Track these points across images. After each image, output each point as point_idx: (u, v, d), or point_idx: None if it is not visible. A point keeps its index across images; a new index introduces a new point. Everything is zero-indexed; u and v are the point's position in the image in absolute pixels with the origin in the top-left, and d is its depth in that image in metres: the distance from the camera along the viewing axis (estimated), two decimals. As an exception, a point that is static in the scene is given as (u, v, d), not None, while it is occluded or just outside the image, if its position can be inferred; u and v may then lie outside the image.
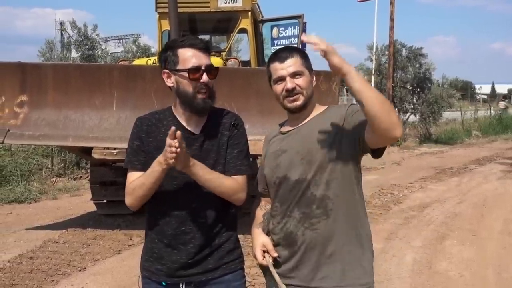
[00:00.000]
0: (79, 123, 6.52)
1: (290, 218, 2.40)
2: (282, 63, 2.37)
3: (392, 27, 21.29)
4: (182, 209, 2.35)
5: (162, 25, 9.05)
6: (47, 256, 6.18)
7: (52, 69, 6.79)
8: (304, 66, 2.38)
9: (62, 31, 40.53)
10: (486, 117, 30.95)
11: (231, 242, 2.48)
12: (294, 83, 2.35)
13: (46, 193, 10.48)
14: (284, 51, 2.41)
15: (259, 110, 6.21)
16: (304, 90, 2.37)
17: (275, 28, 9.85)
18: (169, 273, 2.40)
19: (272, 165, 2.47)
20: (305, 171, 2.35)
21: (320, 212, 2.34)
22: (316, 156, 2.34)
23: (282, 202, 2.45)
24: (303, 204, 2.37)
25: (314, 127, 2.39)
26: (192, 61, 2.29)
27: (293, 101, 2.38)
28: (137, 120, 2.49)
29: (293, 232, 2.39)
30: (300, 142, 2.40)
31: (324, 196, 2.34)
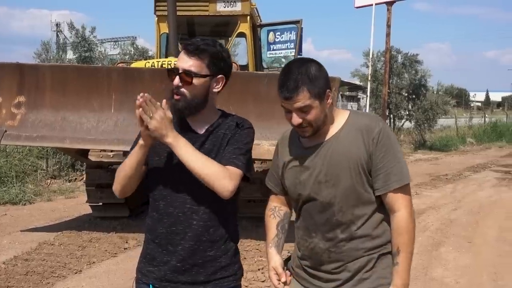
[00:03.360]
0: (76, 124, 6.50)
1: (315, 239, 2.34)
2: (287, 100, 2.19)
3: (389, 34, 21.31)
4: (176, 208, 2.32)
5: (161, 28, 9.06)
6: (43, 258, 6.14)
7: (50, 70, 6.77)
8: (313, 97, 2.18)
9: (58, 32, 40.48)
10: (480, 125, 31.09)
11: (228, 257, 2.41)
12: (300, 118, 2.21)
13: (41, 195, 10.43)
14: (290, 82, 2.18)
15: (258, 114, 6.20)
16: (313, 122, 2.22)
17: (271, 32, 9.88)
18: (159, 276, 2.36)
19: (294, 181, 2.38)
20: (330, 195, 2.27)
21: (345, 236, 2.29)
22: (341, 180, 2.25)
23: (305, 219, 2.39)
24: (328, 227, 2.31)
25: (338, 147, 2.27)
26: (177, 63, 2.30)
27: (302, 132, 2.28)
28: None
29: (319, 253, 2.34)
30: (324, 162, 2.28)
31: (349, 221, 2.28)
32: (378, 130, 2.24)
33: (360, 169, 2.23)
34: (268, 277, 2.49)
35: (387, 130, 2.27)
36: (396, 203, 2.25)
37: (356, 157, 2.23)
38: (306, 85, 2.17)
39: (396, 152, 2.26)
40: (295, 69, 2.21)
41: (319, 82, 2.20)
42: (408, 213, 2.25)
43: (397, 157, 2.26)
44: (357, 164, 2.23)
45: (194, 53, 2.28)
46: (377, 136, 2.23)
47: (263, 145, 6.21)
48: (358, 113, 2.42)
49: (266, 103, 6.37)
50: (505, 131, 28.94)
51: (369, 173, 2.25)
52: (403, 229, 2.24)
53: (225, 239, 2.39)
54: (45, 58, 18.87)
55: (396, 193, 2.24)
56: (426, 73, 23.31)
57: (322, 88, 2.20)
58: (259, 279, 5.64)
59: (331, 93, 2.25)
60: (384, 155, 2.23)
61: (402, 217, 2.24)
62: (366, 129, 2.25)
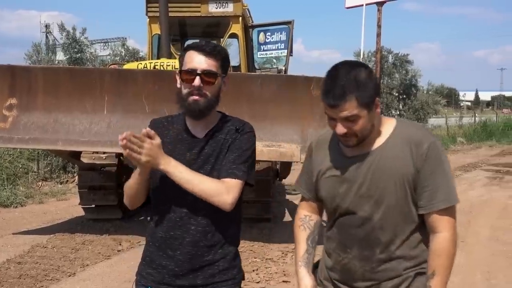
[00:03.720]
0: (69, 126, 6.47)
1: (350, 255, 2.22)
2: (333, 108, 2.02)
3: (379, 34, 21.37)
4: (174, 213, 2.31)
5: (153, 29, 9.03)
6: (36, 261, 6.11)
7: (42, 72, 6.75)
8: (361, 107, 2.01)
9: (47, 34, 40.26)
10: (470, 124, 31.23)
11: (227, 260, 2.38)
12: (345, 128, 2.05)
13: (32, 197, 10.38)
14: (336, 88, 2.00)
15: (251, 115, 6.19)
16: (359, 133, 2.06)
17: (261, 33, 9.88)
18: (157, 279, 2.35)
19: (332, 192, 2.23)
20: (371, 211, 2.14)
21: (384, 257, 2.16)
22: (385, 195, 2.11)
23: (340, 232, 2.26)
24: (365, 245, 2.18)
25: (383, 160, 2.12)
26: (190, 63, 2.26)
27: (345, 141, 2.12)
28: (150, 122, 2.47)
29: (352, 270, 2.22)
30: (367, 175, 2.13)
31: (389, 241, 2.15)
32: (428, 145, 2.09)
33: (406, 185, 2.09)
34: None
35: (437, 145, 2.12)
36: (440, 224, 2.10)
37: (403, 172, 2.09)
38: (354, 92, 1.99)
39: (446, 170, 2.11)
40: (343, 75, 2.03)
41: (368, 89, 2.02)
42: (452, 236, 2.11)
43: (446, 175, 2.11)
44: (403, 180, 2.09)
45: (212, 54, 2.27)
46: (427, 151, 2.08)
47: (256, 146, 6.21)
48: (405, 123, 2.27)
49: (259, 104, 6.38)
50: (495, 130, 29.03)
51: (415, 190, 2.11)
52: (443, 251, 2.10)
53: (223, 243, 2.37)
54: (36, 60, 18.76)
55: (440, 214, 2.10)
56: (416, 73, 23.48)
57: (372, 96, 2.04)
58: (253, 280, 5.64)
59: (379, 102, 2.11)
60: (432, 172, 2.08)
61: (444, 239, 2.10)
62: (415, 143, 2.10)
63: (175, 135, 2.37)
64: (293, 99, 6.42)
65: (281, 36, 9.69)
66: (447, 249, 2.10)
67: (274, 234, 7.56)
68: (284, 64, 9.63)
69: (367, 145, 2.15)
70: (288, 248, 6.79)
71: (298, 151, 6.28)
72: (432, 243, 2.12)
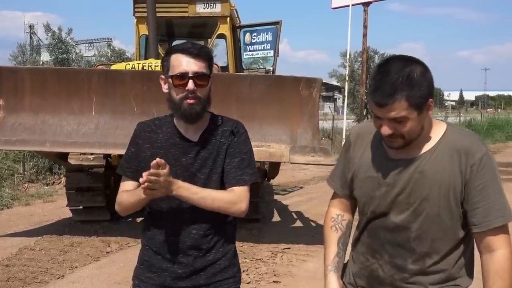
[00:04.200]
0: (56, 128, 6.42)
1: (380, 261, 2.10)
2: (380, 106, 1.88)
3: (366, 34, 21.49)
4: (175, 217, 2.31)
5: (140, 29, 8.99)
6: (24, 263, 6.04)
7: (29, 73, 6.68)
8: (411, 108, 1.85)
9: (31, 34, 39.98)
10: (455, 124, 31.48)
11: (227, 258, 2.40)
12: (392, 129, 1.91)
13: (19, 199, 10.26)
14: (386, 85, 1.84)
15: (240, 115, 6.12)
16: (406, 135, 1.92)
17: (247, 33, 9.88)
18: (159, 283, 2.34)
19: (369, 194, 2.10)
20: (409, 220, 2.00)
21: (416, 269, 2.03)
22: (426, 206, 1.97)
23: (371, 236, 2.14)
24: (398, 253, 2.05)
25: (429, 167, 1.97)
26: (179, 67, 2.22)
27: (390, 142, 1.97)
28: (137, 125, 2.45)
29: (380, 277, 2.11)
30: (410, 181, 1.99)
31: (425, 253, 2.01)
32: (480, 156, 1.93)
33: (452, 198, 1.95)
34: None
35: (490, 157, 1.96)
36: (496, 241, 1.94)
37: (449, 183, 1.94)
38: (405, 92, 1.83)
39: (499, 184, 1.96)
40: (394, 71, 1.86)
41: (421, 89, 1.85)
42: (510, 253, 1.94)
43: (499, 190, 1.95)
44: (449, 191, 1.95)
45: (200, 55, 2.25)
46: (478, 163, 1.92)
47: (246, 146, 6.22)
48: (456, 130, 2.08)
49: (248, 104, 6.39)
50: (479, 129, 29.29)
51: (461, 204, 1.96)
52: (506, 271, 1.91)
53: (223, 242, 2.39)
54: (21, 60, 18.61)
55: (496, 232, 1.94)
56: (402, 73, 23.62)
57: (424, 96, 1.87)
58: (244, 281, 5.63)
59: (432, 103, 1.94)
60: (484, 187, 1.93)
61: (504, 257, 1.92)
62: (465, 152, 1.94)
63: (166, 139, 2.34)
64: (282, 99, 6.43)
65: (267, 36, 9.69)
66: (509, 268, 1.92)
67: (263, 234, 7.56)
68: (272, 64, 9.64)
69: (414, 149, 2.00)
70: (278, 248, 6.80)
71: (287, 151, 6.29)
72: (491, 262, 1.94)
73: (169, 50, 2.33)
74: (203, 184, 2.28)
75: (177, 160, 2.29)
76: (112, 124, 6.40)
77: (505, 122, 32.65)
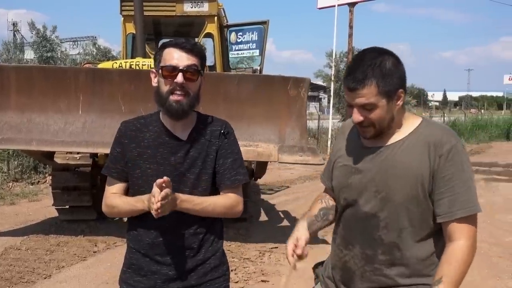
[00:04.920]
0: (43, 126, 6.36)
1: (351, 252, 2.13)
2: (351, 91, 1.96)
3: (351, 34, 21.63)
4: (162, 219, 2.24)
5: (127, 28, 8.94)
6: (10, 263, 5.99)
7: (15, 71, 6.60)
8: (380, 95, 1.93)
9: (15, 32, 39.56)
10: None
11: (217, 257, 2.40)
12: (362, 116, 1.98)
13: (3, 199, 10.16)
14: (358, 71, 1.94)
15: (228, 115, 6.14)
16: (376, 124, 1.98)
17: (233, 33, 9.88)
18: (148, 286, 2.32)
19: (342, 182, 2.16)
20: (377, 208, 2.03)
21: (385, 259, 2.05)
22: (393, 195, 1.99)
23: (345, 227, 2.19)
24: (368, 244, 2.08)
25: (398, 157, 2.01)
26: (171, 60, 2.22)
27: (362, 131, 2.05)
28: (121, 124, 2.40)
29: (352, 269, 2.13)
30: (378, 170, 2.04)
31: (393, 244, 2.03)
32: (449, 147, 1.96)
33: (419, 188, 1.97)
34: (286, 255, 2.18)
35: (459, 149, 1.98)
36: (459, 232, 1.96)
37: (417, 172, 1.97)
38: (376, 79, 1.92)
39: (467, 175, 1.98)
40: (368, 60, 1.95)
41: (392, 79, 1.94)
42: (470, 244, 1.96)
43: (467, 181, 1.97)
44: (416, 182, 1.97)
45: (192, 50, 2.25)
46: (446, 154, 1.95)
47: (234, 146, 6.22)
48: (431, 123, 2.11)
49: (236, 103, 6.38)
50: (463, 130, 29.56)
51: (429, 194, 1.98)
52: (456, 258, 1.93)
53: (212, 240, 2.39)
54: (6, 58, 18.42)
55: (460, 223, 1.95)
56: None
57: (394, 86, 1.95)
58: (232, 280, 5.62)
59: (403, 94, 2.01)
60: (451, 178, 1.95)
61: (460, 246, 1.94)
62: (434, 144, 1.97)
63: (153, 138, 2.31)
64: (270, 99, 6.44)
65: (252, 36, 9.71)
66: (461, 258, 1.93)
67: (251, 234, 7.57)
68: (259, 64, 9.66)
69: (386, 138, 2.06)
70: (265, 248, 6.81)
71: (275, 151, 6.31)
72: (446, 250, 1.97)
73: (163, 45, 2.32)
74: (192, 184, 2.28)
75: (166, 160, 2.27)
76: (100, 123, 6.36)
77: (488, 122, 32.96)
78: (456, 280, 1.92)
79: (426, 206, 2.00)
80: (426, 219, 2.01)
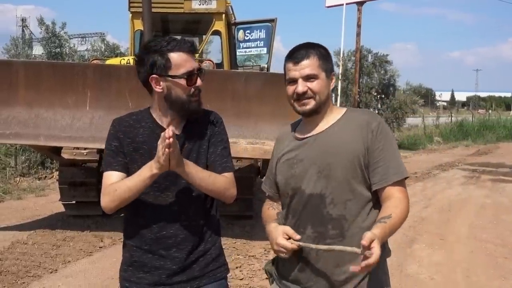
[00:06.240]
0: (51, 122, 6.40)
1: (304, 235, 2.23)
2: (296, 65, 2.22)
3: (359, 33, 21.53)
4: (163, 212, 2.30)
5: (135, 24, 8.98)
6: (16, 257, 6.04)
7: (24, 67, 6.64)
8: (321, 68, 2.22)
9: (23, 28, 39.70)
10: (447, 124, 31.63)
11: (217, 248, 2.45)
12: (305, 86, 2.21)
13: (10, 193, 10.24)
14: (301, 49, 2.25)
15: (235, 112, 6.21)
16: (317, 95, 2.22)
17: (241, 30, 9.89)
18: (153, 281, 2.33)
19: (286, 174, 2.33)
20: (322, 186, 2.21)
21: (336, 233, 2.21)
22: (335, 172, 2.19)
23: (295, 214, 2.31)
24: (318, 222, 2.23)
25: (334, 138, 2.24)
26: (186, 66, 2.23)
27: (303, 105, 2.24)
28: (113, 121, 2.40)
29: (307, 250, 2.24)
30: (318, 153, 2.25)
31: (340, 216, 2.20)
32: (377, 124, 2.23)
33: (356, 163, 2.19)
34: (274, 250, 2.26)
35: (385, 124, 2.27)
36: (396, 193, 2.19)
37: (353, 149, 2.20)
38: (318, 53, 2.24)
39: (394, 146, 2.25)
40: (307, 44, 2.29)
41: (327, 60, 2.27)
42: (406, 198, 2.20)
43: (394, 151, 2.24)
44: (354, 157, 2.19)
45: (194, 51, 2.31)
46: (376, 129, 2.21)
47: (240, 143, 6.22)
48: (355, 109, 2.41)
49: (244, 101, 6.38)
50: (470, 130, 29.48)
51: (366, 167, 2.21)
52: (400, 206, 2.15)
53: (212, 231, 2.43)
54: (14, 54, 18.49)
55: (394, 186, 2.19)
56: (395, 73, 23.62)
57: (329, 66, 2.27)
58: (237, 277, 5.66)
59: (334, 78, 2.32)
60: (383, 149, 2.20)
61: (401, 198, 2.18)
62: (365, 124, 2.23)
63: (148, 133, 2.33)
64: (277, 96, 6.40)
65: (260, 34, 9.70)
66: (404, 205, 2.17)
67: (256, 231, 7.56)
68: (267, 62, 9.65)
69: (317, 124, 2.31)
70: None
71: (282, 148, 6.30)
72: (389, 201, 2.17)
73: (158, 49, 2.25)
74: None
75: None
76: (107, 119, 6.36)
77: (495, 123, 32.83)
78: (401, 220, 2.13)
79: (363, 178, 2.22)
80: (365, 190, 2.23)
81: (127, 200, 2.24)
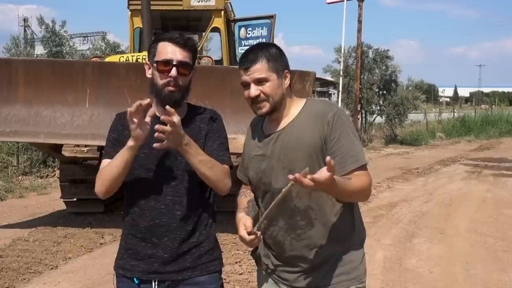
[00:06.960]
0: (50, 119, 6.43)
1: (277, 227, 2.36)
2: (246, 70, 2.27)
3: (360, 29, 21.57)
4: (157, 201, 2.35)
5: (134, 22, 9.01)
6: (18, 254, 6.07)
7: (23, 64, 6.67)
8: (271, 70, 2.26)
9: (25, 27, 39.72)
10: (449, 120, 31.57)
11: (211, 241, 2.48)
12: (258, 90, 2.26)
13: (13, 192, 10.28)
14: (250, 54, 2.30)
15: (234, 109, 6.21)
16: (270, 97, 2.27)
17: (242, 28, 9.89)
18: (145, 269, 2.37)
19: (257, 170, 2.42)
20: (287, 181, 2.13)
21: (304, 223, 2.32)
22: (297, 166, 2.22)
23: (266, 207, 2.31)
24: (287, 214, 2.32)
25: (293, 133, 2.31)
26: (165, 54, 2.30)
27: (259, 108, 2.30)
28: (116, 115, 2.51)
29: (281, 241, 2.37)
30: (281, 149, 2.32)
31: (307, 207, 2.30)
32: (332, 114, 2.26)
33: (314, 155, 2.25)
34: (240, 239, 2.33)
35: (340, 114, 2.30)
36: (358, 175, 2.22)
37: (311, 142, 2.26)
38: (266, 57, 2.27)
39: (351, 134, 2.27)
40: (256, 47, 2.35)
41: (277, 60, 2.30)
42: (367, 180, 2.23)
43: (352, 140, 2.26)
44: (312, 150, 2.25)
45: (186, 46, 2.33)
46: (331, 120, 2.25)
47: (239, 139, 6.22)
48: (314, 101, 2.44)
49: (242, 97, 6.35)
50: (473, 125, 29.43)
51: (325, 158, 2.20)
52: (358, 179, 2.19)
53: (205, 224, 2.46)
54: (15, 53, 18.54)
55: (354, 173, 2.22)
56: (396, 68, 23.59)
57: (280, 65, 2.30)
58: (236, 272, 5.68)
59: (289, 75, 2.34)
60: (339, 138, 2.24)
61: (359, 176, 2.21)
62: (321, 115, 2.28)
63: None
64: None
65: (262, 31, 9.70)
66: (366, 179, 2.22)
67: (257, 227, 7.58)
68: (267, 59, 9.64)
69: (280, 121, 2.36)
70: (271, 241, 6.83)
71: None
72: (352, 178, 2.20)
73: (157, 38, 2.40)
74: (184, 167, 2.34)
75: None
76: (106, 116, 6.39)
77: (498, 118, 32.75)
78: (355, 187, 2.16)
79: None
80: None
81: (114, 180, 2.29)
